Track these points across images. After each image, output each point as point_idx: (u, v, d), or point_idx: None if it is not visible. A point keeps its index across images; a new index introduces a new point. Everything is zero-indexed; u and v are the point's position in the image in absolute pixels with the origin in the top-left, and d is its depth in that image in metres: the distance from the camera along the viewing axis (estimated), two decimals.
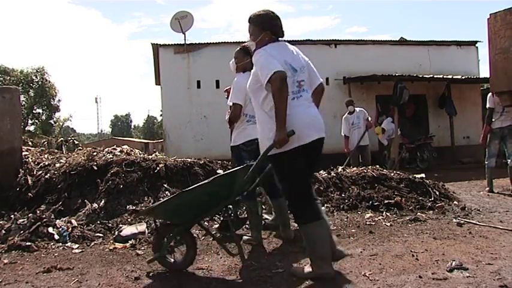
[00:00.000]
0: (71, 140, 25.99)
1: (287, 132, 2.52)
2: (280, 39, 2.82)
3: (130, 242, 3.66)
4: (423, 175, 5.86)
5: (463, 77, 11.91)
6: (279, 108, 2.51)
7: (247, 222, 3.97)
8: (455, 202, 5.12)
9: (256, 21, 2.80)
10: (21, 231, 3.75)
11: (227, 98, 4.08)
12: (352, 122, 7.82)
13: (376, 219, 4.37)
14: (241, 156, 3.60)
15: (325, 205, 4.83)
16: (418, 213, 4.54)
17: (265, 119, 2.69)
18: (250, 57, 3.56)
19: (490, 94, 6.07)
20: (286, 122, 2.52)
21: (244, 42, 3.76)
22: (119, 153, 5.49)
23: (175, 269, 2.95)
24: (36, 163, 5.17)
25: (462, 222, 4.19)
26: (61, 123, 30.47)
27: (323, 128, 2.77)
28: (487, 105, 6.06)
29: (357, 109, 7.91)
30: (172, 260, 2.98)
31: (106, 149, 5.62)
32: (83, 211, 4.28)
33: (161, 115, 19.53)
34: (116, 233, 3.84)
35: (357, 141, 7.71)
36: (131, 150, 5.79)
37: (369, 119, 7.97)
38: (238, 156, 3.66)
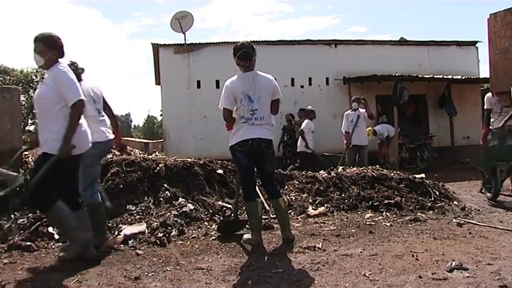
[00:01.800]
0: None
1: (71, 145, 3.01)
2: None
3: (130, 242, 3.65)
4: (423, 175, 5.86)
5: (463, 77, 11.89)
6: (73, 129, 3.00)
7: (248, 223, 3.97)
8: (455, 202, 5.13)
9: (46, 41, 3.10)
10: (21, 231, 3.76)
11: None
12: (351, 120, 7.85)
13: (376, 219, 4.37)
14: (237, 157, 3.62)
15: (325, 205, 4.82)
16: (418, 213, 4.54)
17: (58, 128, 3.00)
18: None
19: (487, 95, 6.05)
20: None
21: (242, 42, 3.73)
22: (119, 153, 5.48)
23: None
24: None
25: (462, 222, 4.19)
26: None
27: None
28: (485, 107, 6.05)
29: (360, 109, 7.92)
30: None
31: None
32: None
33: (161, 115, 19.51)
34: (116, 233, 3.84)
35: (353, 139, 7.76)
36: (131, 150, 5.78)
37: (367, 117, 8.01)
38: (234, 157, 3.67)
